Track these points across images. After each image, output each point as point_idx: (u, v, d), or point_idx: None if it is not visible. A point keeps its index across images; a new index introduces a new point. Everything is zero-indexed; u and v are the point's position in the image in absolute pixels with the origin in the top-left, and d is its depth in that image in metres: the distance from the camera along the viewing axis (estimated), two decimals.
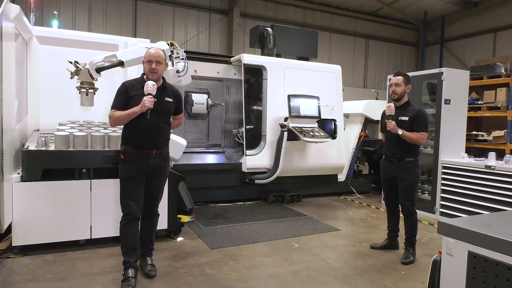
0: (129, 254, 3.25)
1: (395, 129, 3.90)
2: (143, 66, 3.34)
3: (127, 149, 3.29)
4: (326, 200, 6.95)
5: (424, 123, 3.96)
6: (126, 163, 3.28)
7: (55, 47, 4.61)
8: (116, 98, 3.28)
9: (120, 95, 3.27)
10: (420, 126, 3.94)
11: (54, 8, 10.01)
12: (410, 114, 3.96)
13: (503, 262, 1.46)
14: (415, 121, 3.94)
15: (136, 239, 3.32)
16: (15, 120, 3.77)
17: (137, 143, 3.26)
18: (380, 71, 15.22)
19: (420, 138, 3.93)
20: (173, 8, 11.76)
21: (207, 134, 6.65)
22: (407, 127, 3.93)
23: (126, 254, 3.25)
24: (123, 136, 3.35)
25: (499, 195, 4.97)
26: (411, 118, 3.95)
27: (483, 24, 13.09)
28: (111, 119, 3.25)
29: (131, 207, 3.24)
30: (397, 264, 3.89)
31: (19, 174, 3.68)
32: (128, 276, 3.17)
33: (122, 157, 3.31)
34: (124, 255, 3.26)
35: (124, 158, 3.29)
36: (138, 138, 3.26)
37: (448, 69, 5.87)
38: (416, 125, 3.94)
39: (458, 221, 1.70)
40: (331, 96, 6.97)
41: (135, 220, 3.29)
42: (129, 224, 3.25)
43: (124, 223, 3.26)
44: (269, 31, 6.91)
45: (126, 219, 3.25)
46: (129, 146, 3.28)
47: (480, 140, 9.17)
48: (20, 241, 3.70)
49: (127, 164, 3.27)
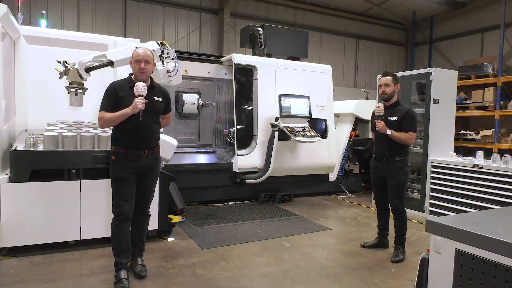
0: (121, 256, 3.22)
1: (384, 129, 3.94)
2: (131, 66, 3.32)
3: (118, 149, 3.27)
4: (317, 199, 6.98)
5: (413, 123, 4.00)
6: (117, 163, 3.26)
7: (43, 46, 4.56)
8: (105, 99, 3.24)
9: (109, 96, 3.23)
10: (409, 126, 3.97)
11: (42, 7, 9.88)
12: (399, 114, 4.00)
13: (489, 259, 1.49)
14: (404, 121, 3.98)
15: (128, 240, 3.30)
16: (2, 121, 3.73)
17: (128, 144, 3.24)
18: (370, 71, 15.32)
19: (409, 138, 3.97)
20: (163, 7, 11.69)
21: (198, 134, 6.63)
22: (396, 127, 3.97)
23: (118, 255, 3.22)
24: (113, 137, 3.32)
25: (487, 193, 5.05)
26: (400, 118, 3.99)
27: (471, 24, 13.25)
28: (101, 120, 3.21)
29: (124, 207, 3.22)
30: (387, 263, 3.92)
31: (7, 175, 3.64)
32: (120, 278, 3.14)
33: (113, 158, 3.27)
34: (116, 256, 3.23)
35: (116, 158, 3.26)
36: (129, 139, 3.24)
37: (436, 69, 5.94)
38: (405, 125, 3.97)
39: (445, 220, 1.72)
40: (322, 95, 7.00)
41: (127, 220, 3.26)
42: (121, 225, 3.22)
43: (116, 224, 3.22)
44: (260, 31, 6.92)
45: (118, 219, 3.22)
46: (120, 146, 3.26)
47: (468, 139, 9.30)
48: (8, 243, 3.66)
49: (119, 164, 3.25)
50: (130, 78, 3.34)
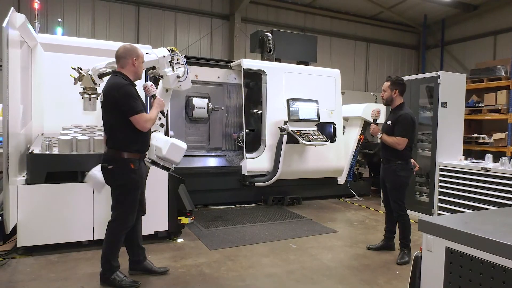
0: (116, 259, 3.30)
1: (375, 132, 4.13)
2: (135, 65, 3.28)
3: (134, 156, 3.18)
4: (326, 202, 7.02)
5: (402, 128, 3.99)
6: (135, 171, 3.18)
7: (59, 53, 4.73)
8: (134, 101, 3.13)
9: (136, 97, 3.19)
10: (398, 131, 4.01)
11: (59, 15, 10.19)
12: (393, 118, 4.10)
13: (477, 257, 1.55)
14: (395, 125, 4.05)
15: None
16: (20, 125, 3.89)
17: (143, 148, 3.29)
18: (381, 74, 15.28)
19: (395, 143, 3.99)
20: (175, 13, 11.92)
21: (207, 137, 6.75)
22: (389, 131, 4.08)
23: (114, 260, 3.28)
24: (126, 143, 3.16)
25: (495, 196, 5.02)
26: (393, 122, 4.08)
27: (483, 27, 13.15)
28: (149, 122, 3.15)
29: (133, 218, 3.29)
30: (391, 264, 3.96)
31: (24, 177, 3.81)
32: (123, 277, 3.27)
33: (132, 166, 3.16)
34: (112, 260, 3.26)
35: (135, 167, 3.18)
36: (145, 142, 3.30)
37: (444, 72, 5.95)
38: (396, 129, 4.04)
39: (437, 219, 1.79)
40: (330, 99, 7.06)
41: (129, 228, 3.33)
42: (124, 233, 3.30)
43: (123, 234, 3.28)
44: (269, 36, 7.02)
45: (124, 229, 3.26)
46: (134, 152, 3.19)
47: (481, 142, 9.21)
48: (25, 242, 3.82)
49: (137, 173, 3.20)
50: (128, 78, 3.25)
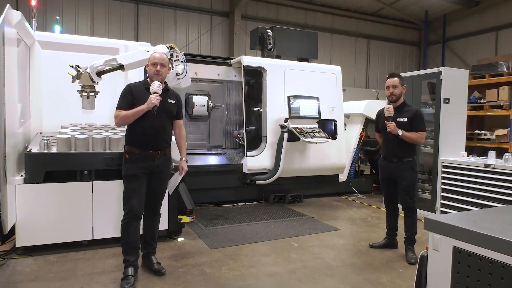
0: (129, 253, 3.31)
1: (395, 130, 3.98)
2: (147, 69, 3.45)
3: (132, 149, 3.35)
4: (327, 200, 6.98)
5: (422, 123, 4.10)
6: (131, 162, 3.34)
7: (57, 51, 4.69)
8: (121, 99, 3.35)
9: (126, 96, 3.35)
10: (419, 126, 4.06)
11: (57, 13, 10.13)
12: (408, 115, 4.06)
13: (486, 256, 1.50)
14: (414, 121, 4.04)
15: (137, 237, 3.38)
16: (18, 124, 3.85)
17: (142, 144, 3.33)
18: (382, 71, 15.21)
19: (420, 138, 4.06)
20: (175, 11, 11.85)
21: (208, 135, 6.71)
22: (406, 128, 4.02)
23: (126, 252, 3.32)
24: (127, 137, 3.40)
25: (499, 193, 4.97)
26: (409, 118, 4.05)
27: (485, 23, 13.06)
28: (117, 118, 3.31)
29: (134, 205, 3.31)
30: (394, 263, 3.92)
31: (22, 177, 3.76)
32: (127, 274, 3.24)
33: (127, 156, 3.36)
34: (124, 253, 3.32)
35: (129, 157, 3.35)
36: (144, 138, 3.32)
37: (446, 68, 5.89)
38: (415, 125, 4.04)
39: (443, 217, 1.74)
40: (331, 96, 7.00)
41: (136, 218, 3.34)
42: (130, 222, 3.31)
43: (126, 222, 3.31)
44: (269, 33, 6.96)
45: (128, 217, 3.31)
46: (134, 146, 3.34)
47: (483, 139, 9.15)
48: (24, 242, 3.78)
49: (132, 163, 3.33)
50: (146, 80, 3.49)
